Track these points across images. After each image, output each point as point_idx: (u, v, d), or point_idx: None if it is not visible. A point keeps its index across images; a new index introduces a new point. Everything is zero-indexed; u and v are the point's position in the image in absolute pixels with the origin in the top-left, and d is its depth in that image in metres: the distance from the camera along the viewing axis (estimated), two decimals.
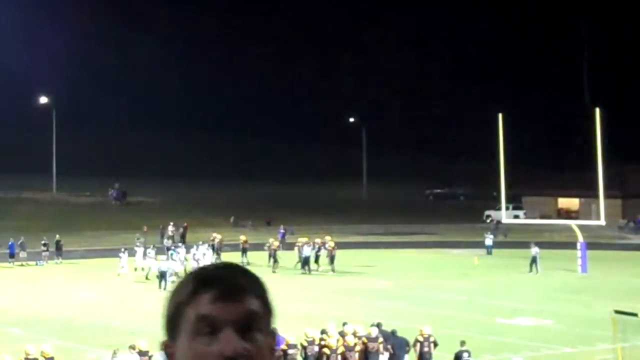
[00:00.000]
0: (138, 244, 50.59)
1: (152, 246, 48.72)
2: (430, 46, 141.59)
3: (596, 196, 46.86)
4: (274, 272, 45.58)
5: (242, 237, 52.38)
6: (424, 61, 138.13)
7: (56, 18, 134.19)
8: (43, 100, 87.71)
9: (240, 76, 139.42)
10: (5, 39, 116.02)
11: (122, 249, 47.26)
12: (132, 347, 23.75)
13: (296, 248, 48.61)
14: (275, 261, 47.56)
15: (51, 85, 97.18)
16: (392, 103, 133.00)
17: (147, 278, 44.01)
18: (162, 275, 41.22)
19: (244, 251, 50.23)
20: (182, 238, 59.74)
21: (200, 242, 50.19)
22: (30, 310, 35.27)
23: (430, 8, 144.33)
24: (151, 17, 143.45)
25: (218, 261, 49.38)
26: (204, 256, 46.37)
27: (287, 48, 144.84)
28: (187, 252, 47.96)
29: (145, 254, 46.90)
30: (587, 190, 58.70)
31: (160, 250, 50.49)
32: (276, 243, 49.73)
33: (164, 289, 40.49)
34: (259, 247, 50.74)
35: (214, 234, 53.81)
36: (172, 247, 50.32)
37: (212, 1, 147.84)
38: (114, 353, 23.65)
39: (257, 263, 46.25)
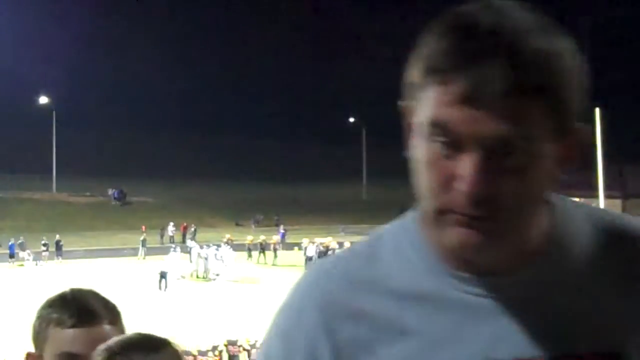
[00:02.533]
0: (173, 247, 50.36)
1: (178, 246, 48.60)
2: None
3: (596, 196, 46.83)
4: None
5: (275, 238, 52.21)
6: None
7: (56, 18, 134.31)
8: (43, 100, 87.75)
9: (240, 76, 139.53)
10: (5, 39, 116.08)
11: (174, 248, 47.29)
12: None
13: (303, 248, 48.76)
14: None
15: (51, 85, 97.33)
16: (392, 103, 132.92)
17: (203, 277, 44.25)
18: (162, 276, 41.13)
19: (275, 252, 50.00)
20: (183, 238, 59.67)
21: (223, 242, 49.21)
22: (31, 311, 35.27)
23: (431, 8, 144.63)
24: (151, 18, 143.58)
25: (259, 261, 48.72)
26: (222, 257, 45.35)
27: (287, 48, 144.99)
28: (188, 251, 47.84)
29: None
30: (587, 190, 58.70)
31: (164, 250, 50.47)
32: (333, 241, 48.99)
33: (165, 289, 40.45)
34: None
35: (227, 236, 53.12)
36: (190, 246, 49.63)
37: (212, 2, 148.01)
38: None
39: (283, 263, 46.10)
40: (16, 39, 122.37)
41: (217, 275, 43.59)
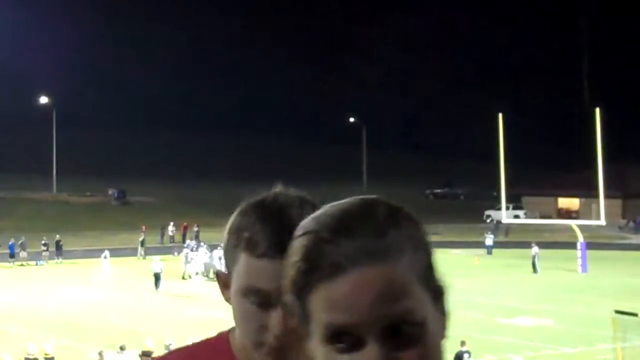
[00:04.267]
0: (186, 245, 50.16)
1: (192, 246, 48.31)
2: (430, 46, 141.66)
3: (596, 196, 46.87)
4: None
5: None
6: (424, 61, 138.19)
7: (56, 18, 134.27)
8: (43, 100, 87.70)
9: (240, 76, 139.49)
10: (5, 39, 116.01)
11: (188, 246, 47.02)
12: (122, 348, 23.71)
13: None
14: None
15: (51, 85, 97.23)
16: (392, 103, 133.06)
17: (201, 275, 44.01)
18: (157, 277, 40.59)
19: None
20: (183, 238, 59.58)
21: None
22: (31, 310, 35.29)
23: (431, 8, 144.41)
24: (151, 17, 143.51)
25: None
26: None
27: (287, 48, 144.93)
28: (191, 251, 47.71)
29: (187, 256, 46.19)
30: (587, 190, 58.78)
31: (161, 250, 50.45)
32: None
33: (157, 290, 40.03)
34: None
35: None
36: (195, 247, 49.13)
37: (211, 3, 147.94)
38: (101, 356, 23.52)
39: None
40: (16, 39, 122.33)
41: None
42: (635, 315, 24.31)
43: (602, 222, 46.92)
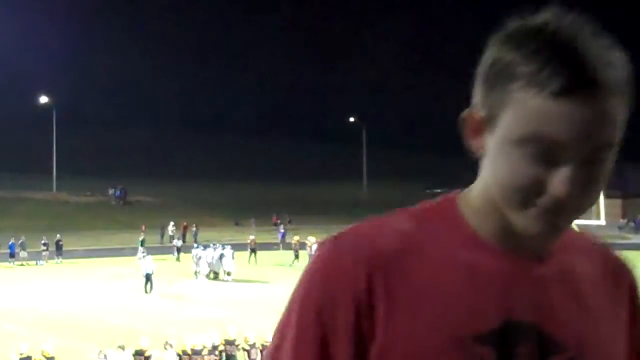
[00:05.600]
0: (196, 245, 50.09)
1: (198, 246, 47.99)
2: (430, 46, 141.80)
3: None
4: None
5: (311, 239, 51.31)
6: (423, 61, 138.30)
7: (56, 18, 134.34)
8: (43, 100, 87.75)
9: (240, 76, 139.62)
10: (5, 39, 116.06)
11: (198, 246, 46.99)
12: (122, 347, 23.69)
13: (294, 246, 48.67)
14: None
15: (51, 85, 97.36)
16: (392, 103, 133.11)
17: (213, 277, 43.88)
18: (147, 278, 39.67)
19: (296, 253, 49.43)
20: (183, 237, 59.59)
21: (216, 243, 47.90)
22: (31, 310, 35.28)
23: (430, 8, 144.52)
24: (151, 18, 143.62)
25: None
26: (223, 259, 44.53)
27: (287, 48, 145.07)
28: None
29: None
30: None
31: (162, 250, 50.46)
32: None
33: (150, 291, 39.67)
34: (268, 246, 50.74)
35: (250, 237, 51.72)
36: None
37: (211, 2, 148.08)
38: (104, 355, 23.51)
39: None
40: (16, 38, 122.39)
41: (229, 274, 43.34)
42: None
43: (602, 222, 46.94)
